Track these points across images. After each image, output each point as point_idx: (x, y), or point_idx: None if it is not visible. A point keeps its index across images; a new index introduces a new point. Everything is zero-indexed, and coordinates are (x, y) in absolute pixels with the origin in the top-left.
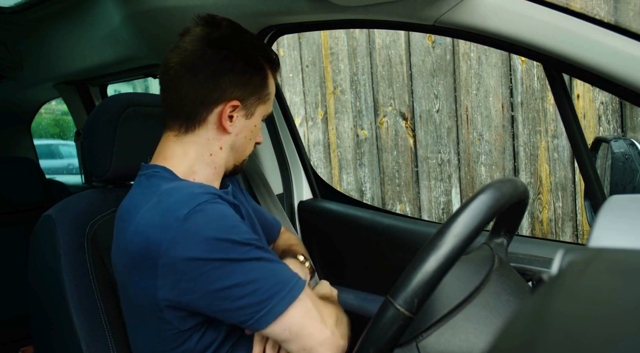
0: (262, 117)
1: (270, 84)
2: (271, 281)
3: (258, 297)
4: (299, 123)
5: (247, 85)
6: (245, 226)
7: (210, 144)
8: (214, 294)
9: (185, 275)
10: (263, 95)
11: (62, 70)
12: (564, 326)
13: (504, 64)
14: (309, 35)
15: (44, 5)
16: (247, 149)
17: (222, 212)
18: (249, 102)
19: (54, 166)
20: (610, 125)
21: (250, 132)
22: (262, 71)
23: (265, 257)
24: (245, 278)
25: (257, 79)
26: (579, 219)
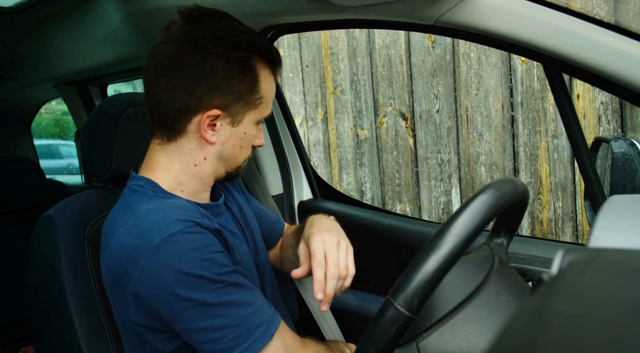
0: (256, 122)
1: (264, 86)
2: (238, 330)
3: (224, 344)
4: (299, 123)
5: (230, 91)
6: (222, 256)
7: (193, 154)
8: (182, 330)
9: (155, 307)
10: (252, 100)
11: (62, 70)
12: (564, 326)
13: (504, 64)
14: (309, 35)
15: (44, 5)
16: (240, 157)
17: (195, 243)
18: (233, 109)
19: (54, 166)
20: (610, 125)
21: (239, 140)
22: (251, 73)
23: (234, 301)
24: (211, 323)
25: (242, 83)
26: (579, 219)
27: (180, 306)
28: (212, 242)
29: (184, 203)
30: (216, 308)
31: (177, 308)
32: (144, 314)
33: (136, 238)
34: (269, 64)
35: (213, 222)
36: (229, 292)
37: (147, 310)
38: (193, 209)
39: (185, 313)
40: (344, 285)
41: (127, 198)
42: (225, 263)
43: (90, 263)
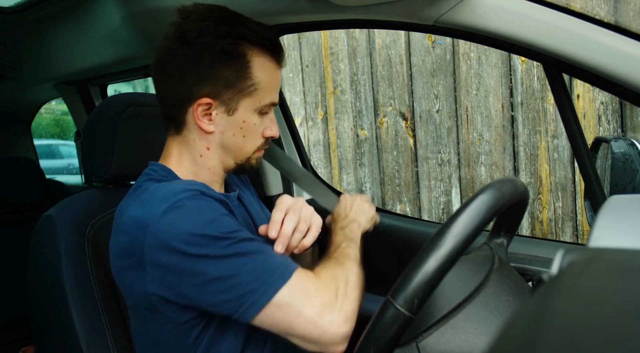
0: (255, 110)
1: (258, 73)
2: (252, 275)
3: (239, 291)
4: (299, 123)
5: (217, 79)
6: (229, 219)
7: (197, 144)
8: (198, 288)
9: (170, 271)
10: (243, 87)
11: (62, 70)
12: (564, 326)
13: (504, 64)
14: (309, 35)
15: (44, 5)
16: (246, 147)
17: (200, 206)
18: (225, 96)
19: (54, 166)
20: (610, 125)
21: (239, 129)
22: (240, 60)
23: (245, 252)
24: (224, 273)
25: (230, 70)
26: (579, 219)
27: (193, 262)
28: (218, 207)
29: (192, 181)
30: (226, 259)
31: (190, 264)
32: (159, 283)
33: (145, 208)
34: (266, 51)
35: (215, 192)
36: (240, 247)
37: (163, 275)
38: (200, 184)
39: (198, 266)
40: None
41: (140, 181)
42: (232, 224)
43: (91, 263)
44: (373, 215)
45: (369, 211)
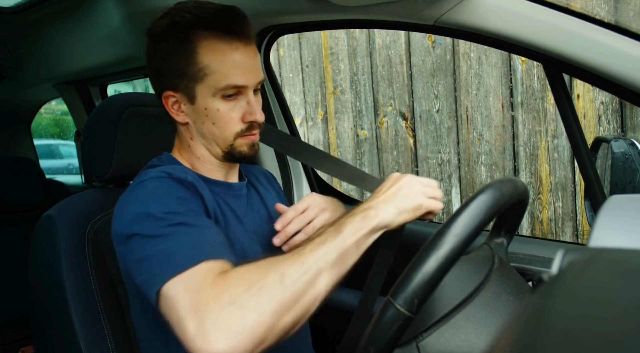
0: (213, 95)
1: (205, 56)
2: (158, 259)
3: (147, 274)
4: (299, 123)
5: (170, 70)
6: (176, 202)
7: (184, 135)
8: (132, 267)
9: (119, 246)
10: (193, 73)
11: (62, 70)
12: (564, 326)
13: (504, 64)
14: (309, 35)
15: (44, 5)
16: (223, 134)
17: (156, 187)
18: (182, 86)
19: (54, 166)
20: (610, 125)
21: (205, 117)
22: (188, 46)
23: (168, 234)
24: (145, 253)
25: (180, 59)
26: (579, 219)
27: (130, 242)
28: (176, 190)
29: (175, 167)
30: (152, 239)
31: (129, 245)
32: (121, 261)
33: (124, 193)
34: (213, 32)
35: (188, 176)
36: (168, 229)
37: (120, 256)
38: (180, 168)
39: (133, 247)
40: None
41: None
42: (175, 207)
43: (90, 263)
44: (423, 204)
45: (420, 198)
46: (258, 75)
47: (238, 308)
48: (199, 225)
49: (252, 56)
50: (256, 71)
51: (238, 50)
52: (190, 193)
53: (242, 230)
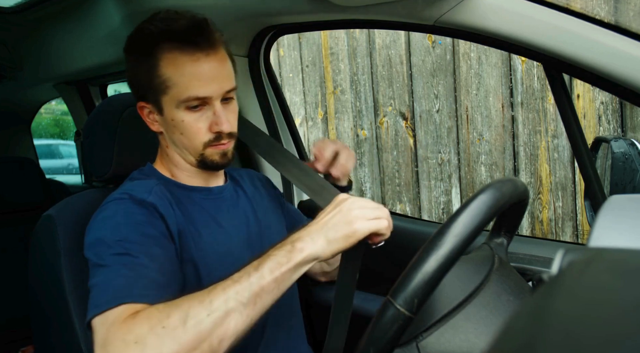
0: (177, 106)
1: (167, 69)
2: (96, 289)
3: (89, 302)
4: (299, 123)
5: (139, 82)
6: (130, 228)
7: (161, 143)
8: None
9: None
10: (156, 85)
11: (62, 70)
12: (564, 326)
13: (504, 64)
14: (309, 35)
15: (44, 5)
16: (191, 143)
17: (115, 211)
18: (150, 97)
19: (54, 166)
20: (610, 125)
21: (172, 127)
22: (150, 60)
23: (111, 264)
24: (92, 282)
25: (145, 72)
26: (579, 219)
27: (89, 265)
28: (135, 212)
29: (145, 182)
30: (101, 268)
31: (89, 268)
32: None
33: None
34: (174, 44)
35: (150, 195)
36: (114, 259)
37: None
38: (147, 187)
39: (90, 272)
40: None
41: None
42: (127, 234)
43: None
44: (358, 230)
45: (355, 224)
46: (223, 85)
47: (140, 348)
48: (143, 256)
49: (214, 66)
50: (220, 81)
51: (198, 62)
52: (148, 215)
53: (223, 233)
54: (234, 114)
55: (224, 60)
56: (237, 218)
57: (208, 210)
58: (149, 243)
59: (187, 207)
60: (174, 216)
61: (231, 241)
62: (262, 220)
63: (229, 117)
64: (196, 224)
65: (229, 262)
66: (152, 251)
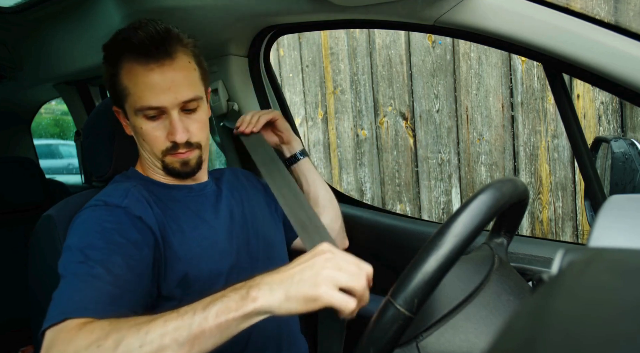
0: (135, 114)
1: (125, 77)
2: (55, 300)
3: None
4: (299, 123)
5: (109, 88)
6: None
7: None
8: None
9: None
10: (118, 92)
11: (62, 70)
12: (564, 326)
13: (504, 64)
14: (309, 35)
15: (44, 5)
16: (152, 150)
17: (86, 218)
18: (117, 102)
19: (54, 166)
20: (610, 125)
21: (136, 134)
22: (113, 68)
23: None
24: (54, 293)
25: (109, 78)
26: (579, 219)
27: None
28: (105, 220)
29: (123, 185)
30: (61, 279)
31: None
32: None
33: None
34: (132, 54)
35: (125, 199)
36: (77, 267)
37: None
38: (124, 191)
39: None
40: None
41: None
42: (94, 242)
43: None
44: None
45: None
46: (179, 96)
47: None
48: (99, 267)
49: (169, 77)
50: (175, 91)
51: (152, 72)
52: (119, 222)
53: (207, 227)
54: (198, 123)
55: (183, 69)
56: (220, 212)
57: (190, 207)
58: (112, 251)
59: (167, 205)
60: (152, 215)
61: (216, 235)
62: (247, 211)
63: (190, 127)
64: (178, 221)
65: (216, 255)
66: (112, 260)
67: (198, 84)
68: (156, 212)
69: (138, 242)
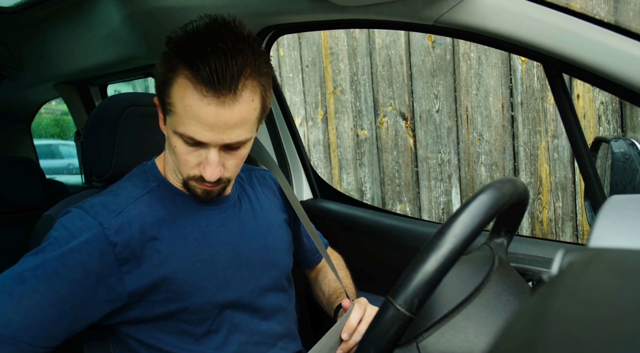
0: (173, 132)
1: (175, 93)
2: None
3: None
4: (299, 123)
5: (157, 82)
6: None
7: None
8: None
9: None
10: (165, 102)
11: (62, 70)
12: (564, 326)
13: (504, 64)
14: (309, 35)
15: (44, 5)
16: (180, 167)
17: (60, 224)
18: (161, 103)
19: (54, 166)
20: (610, 125)
21: (168, 143)
22: (169, 73)
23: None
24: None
25: (162, 78)
26: (579, 219)
27: None
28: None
29: (128, 192)
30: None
31: None
32: None
33: None
34: (191, 73)
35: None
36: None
37: None
38: (125, 199)
39: None
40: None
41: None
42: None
43: None
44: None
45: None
46: (226, 138)
47: None
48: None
49: (225, 117)
50: (223, 133)
51: (208, 107)
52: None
53: (205, 247)
54: (236, 159)
55: (243, 111)
56: (229, 234)
57: (198, 221)
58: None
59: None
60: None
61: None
62: (261, 231)
63: (226, 163)
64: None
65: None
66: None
67: (253, 127)
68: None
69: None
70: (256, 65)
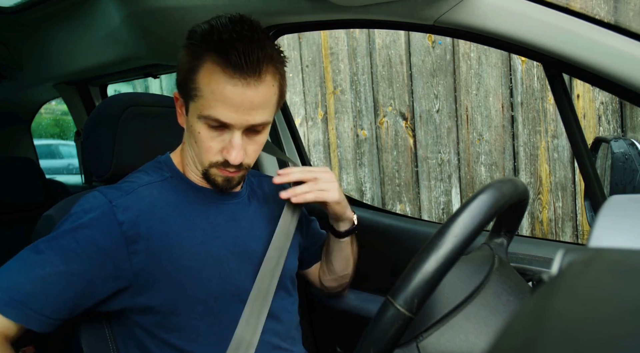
0: (198, 117)
1: (202, 79)
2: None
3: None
4: (299, 123)
5: (180, 74)
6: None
7: (185, 136)
8: None
9: None
10: (189, 88)
11: (62, 70)
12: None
13: (504, 64)
14: (309, 35)
15: (44, 5)
16: (200, 156)
17: (77, 203)
18: (183, 93)
19: (54, 166)
20: (610, 125)
21: (190, 133)
22: (195, 61)
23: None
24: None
25: (186, 70)
26: (579, 219)
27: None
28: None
29: (138, 180)
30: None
31: None
32: None
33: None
34: (220, 57)
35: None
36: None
37: None
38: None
39: None
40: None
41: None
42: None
43: None
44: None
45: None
46: (250, 119)
47: None
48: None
49: (249, 97)
50: (248, 113)
51: (234, 88)
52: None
53: (212, 238)
54: (256, 145)
55: (266, 93)
56: (237, 229)
57: (207, 213)
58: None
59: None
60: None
61: (222, 250)
62: (269, 230)
63: (248, 148)
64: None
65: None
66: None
67: (273, 109)
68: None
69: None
70: (275, 53)
